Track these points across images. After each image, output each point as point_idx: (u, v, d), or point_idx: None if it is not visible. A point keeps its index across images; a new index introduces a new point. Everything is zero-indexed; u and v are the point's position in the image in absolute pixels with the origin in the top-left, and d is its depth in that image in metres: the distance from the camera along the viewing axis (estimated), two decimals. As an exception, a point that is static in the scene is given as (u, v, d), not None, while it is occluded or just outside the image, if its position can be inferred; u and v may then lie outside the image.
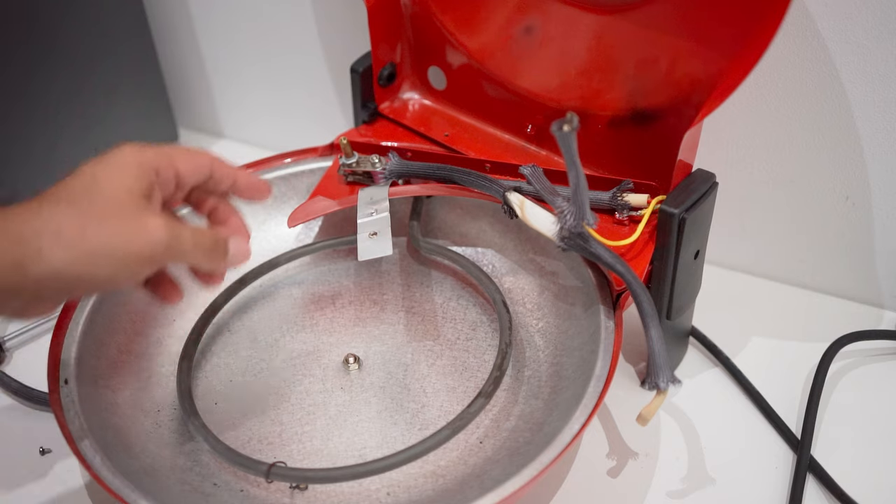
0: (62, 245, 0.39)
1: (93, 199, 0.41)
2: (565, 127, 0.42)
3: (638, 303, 0.50)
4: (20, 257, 0.38)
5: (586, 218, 0.49)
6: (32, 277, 0.39)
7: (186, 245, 0.44)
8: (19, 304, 0.40)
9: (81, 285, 0.41)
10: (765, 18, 0.46)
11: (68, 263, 0.39)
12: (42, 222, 0.39)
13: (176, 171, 0.46)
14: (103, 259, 0.40)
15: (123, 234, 0.41)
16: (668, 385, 0.49)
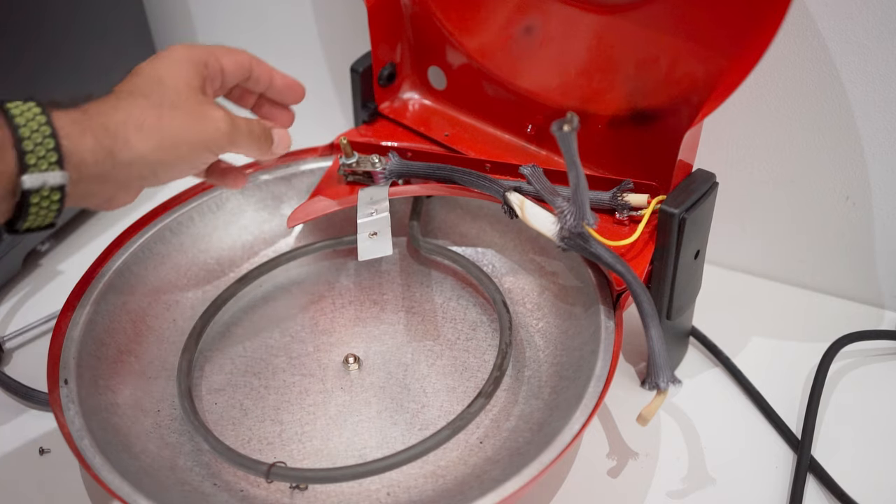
0: (145, 134, 0.44)
1: (162, 93, 0.46)
2: (565, 127, 0.42)
3: (638, 303, 0.50)
4: (110, 146, 0.43)
5: (586, 218, 0.49)
6: (122, 164, 0.43)
7: (242, 134, 0.49)
8: (108, 192, 0.45)
9: (161, 170, 0.46)
10: (765, 18, 0.46)
11: (151, 150, 0.44)
12: (125, 114, 0.44)
13: (221, 66, 0.51)
14: (179, 145, 0.45)
15: (194, 123, 0.46)
16: (669, 385, 0.49)
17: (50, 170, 0.40)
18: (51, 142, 0.40)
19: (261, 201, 0.67)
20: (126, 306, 0.60)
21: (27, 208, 0.41)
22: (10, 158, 0.40)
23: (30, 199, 0.40)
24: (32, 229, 0.43)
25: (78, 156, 0.41)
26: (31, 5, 0.68)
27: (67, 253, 0.75)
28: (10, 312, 0.69)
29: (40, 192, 0.40)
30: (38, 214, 0.42)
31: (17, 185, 0.40)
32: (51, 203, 0.41)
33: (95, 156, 0.42)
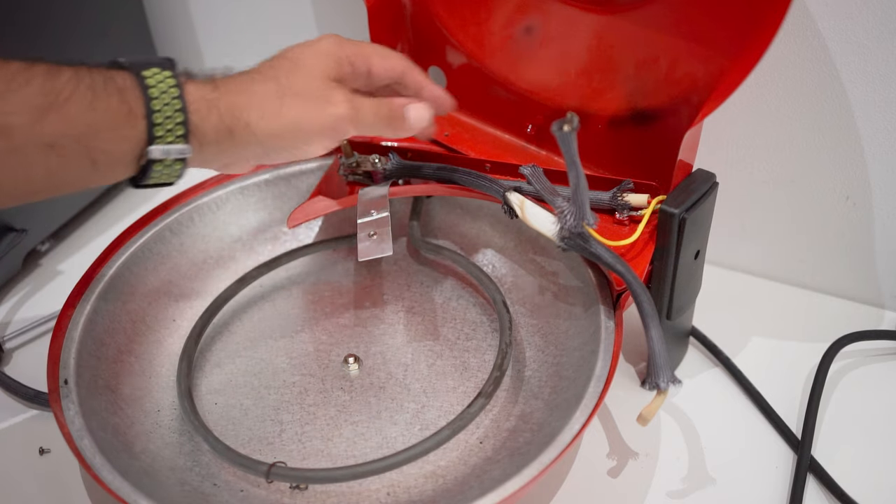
0: (265, 120, 0.46)
1: (292, 79, 0.48)
2: (565, 127, 0.42)
3: (638, 303, 0.50)
4: (232, 126, 0.45)
5: (586, 218, 0.49)
6: (239, 143, 0.46)
7: (367, 117, 0.50)
8: (224, 161, 0.47)
9: (274, 153, 0.48)
10: (765, 18, 0.46)
11: (268, 135, 0.46)
12: (250, 98, 0.46)
13: (368, 68, 0.52)
14: (296, 133, 0.47)
15: (313, 110, 0.47)
16: (669, 385, 0.49)
17: (175, 143, 0.43)
18: (180, 116, 0.43)
19: (261, 201, 0.67)
20: (126, 306, 0.60)
21: (150, 172, 0.44)
22: (141, 127, 0.42)
23: (154, 166, 0.43)
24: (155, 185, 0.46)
25: (202, 130, 0.44)
26: (32, 5, 0.68)
27: (67, 253, 0.75)
28: (10, 312, 0.69)
29: (164, 162, 0.43)
30: (161, 177, 0.45)
31: (144, 152, 0.42)
32: (172, 169, 0.44)
33: (217, 133, 0.45)
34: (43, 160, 0.40)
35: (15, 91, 0.39)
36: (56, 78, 0.40)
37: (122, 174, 0.44)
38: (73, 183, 0.42)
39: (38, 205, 0.71)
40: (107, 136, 0.41)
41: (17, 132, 0.38)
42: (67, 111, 0.40)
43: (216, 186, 0.66)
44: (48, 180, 0.41)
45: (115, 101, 0.41)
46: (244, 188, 0.66)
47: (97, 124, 0.40)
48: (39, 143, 0.39)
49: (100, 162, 0.41)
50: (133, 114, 0.42)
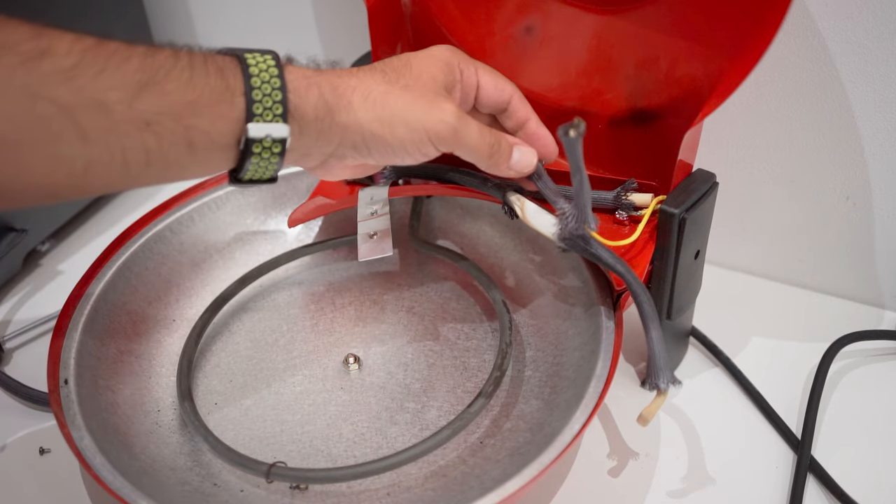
0: (368, 103, 0.44)
1: (401, 76, 0.46)
2: (571, 132, 0.42)
3: (638, 304, 0.50)
4: (333, 104, 0.43)
5: (588, 221, 0.49)
6: (338, 125, 0.44)
7: (471, 136, 0.47)
8: (323, 153, 0.45)
9: (374, 145, 0.45)
10: (765, 18, 0.46)
11: (369, 120, 0.44)
12: (357, 81, 0.45)
13: (478, 81, 0.50)
14: (398, 124, 0.45)
15: (419, 107, 0.45)
16: (669, 386, 0.49)
17: (274, 121, 0.41)
18: (279, 94, 0.41)
19: (261, 201, 0.67)
20: (126, 306, 0.60)
21: (249, 157, 0.42)
22: (240, 105, 0.41)
23: (252, 147, 0.41)
24: (255, 181, 0.43)
25: (301, 110, 0.42)
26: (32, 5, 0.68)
27: (67, 253, 0.75)
28: (10, 312, 0.69)
29: (262, 143, 0.41)
30: (260, 165, 0.42)
31: (243, 132, 0.41)
32: (272, 155, 0.42)
33: (317, 111, 0.43)
34: (140, 140, 0.38)
35: (114, 68, 0.37)
36: (154, 56, 0.39)
37: (221, 160, 0.42)
38: (171, 168, 0.40)
39: (38, 205, 0.71)
40: (204, 114, 0.40)
41: (116, 109, 0.37)
42: (165, 87, 0.39)
43: (216, 186, 0.66)
44: (146, 164, 0.39)
45: (214, 79, 0.40)
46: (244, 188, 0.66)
47: (195, 101, 0.39)
48: (137, 121, 0.38)
49: (197, 143, 0.40)
50: (231, 90, 0.40)
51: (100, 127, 0.37)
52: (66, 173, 0.38)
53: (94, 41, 0.38)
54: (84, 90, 0.37)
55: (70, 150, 0.37)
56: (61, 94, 0.36)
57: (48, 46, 0.36)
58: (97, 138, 0.37)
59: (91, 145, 0.37)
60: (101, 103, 0.37)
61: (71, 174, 0.38)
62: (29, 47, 0.36)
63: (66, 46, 0.37)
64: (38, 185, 0.38)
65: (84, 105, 0.37)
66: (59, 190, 0.39)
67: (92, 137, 0.37)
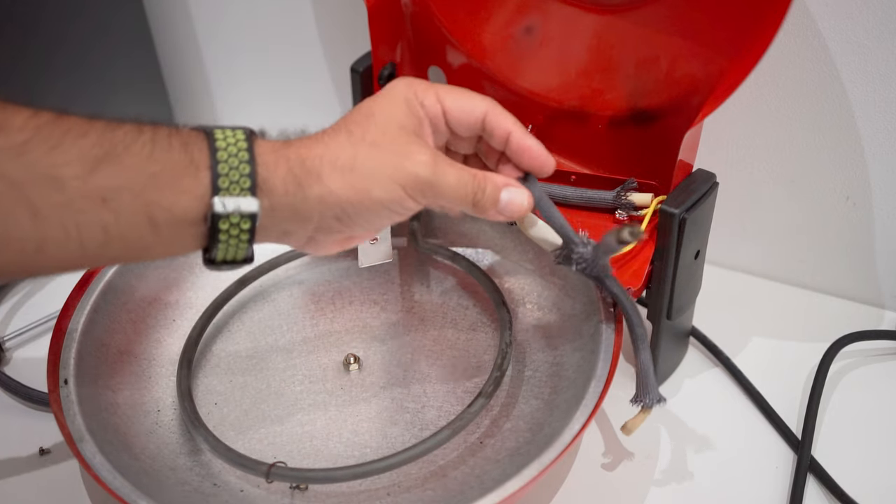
0: (337, 171, 0.41)
1: (366, 130, 0.43)
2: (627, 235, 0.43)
3: (630, 326, 0.50)
4: (302, 178, 0.40)
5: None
6: (312, 198, 0.41)
7: (448, 185, 0.43)
8: (304, 231, 0.42)
9: (353, 212, 0.42)
10: (765, 18, 0.46)
11: (342, 188, 0.41)
12: (323, 149, 0.42)
13: (443, 107, 0.45)
14: (372, 187, 0.41)
15: (389, 163, 0.42)
16: (655, 403, 0.50)
17: (242, 195, 0.39)
18: (246, 167, 0.39)
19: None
20: (126, 306, 0.60)
21: (217, 234, 0.39)
22: (205, 179, 0.38)
23: (219, 224, 0.39)
24: (228, 262, 0.41)
25: (270, 184, 0.40)
26: (32, 5, 0.68)
27: (67, 253, 0.75)
28: (10, 312, 0.69)
29: (230, 219, 0.39)
30: (230, 244, 0.40)
31: (208, 207, 0.39)
32: (241, 232, 0.39)
33: (286, 186, 0.40)
34: (97, 216, 0.36)
35: (70, 143, 0.36)
36: (114, 131, 0.38)
37: (187, 239, 0.39)
38: (133, 247, 0.38)
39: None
40: (166, 189, 0.37)
41: (70, 184, 0.36)
42: (123, 161, 0.37)
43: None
44: (104, 243, 0.37)
45: (178, 153, 0.38)
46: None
47: (156, 175, 0.37)
48: (93, 196, 0.36)
49: (159, 220, 0.38)
50: (196, 164, 0.38)
51: (52, 203, 0.36)
52: (16, 252, 0.36)
53: (52, 116, 0.37)
54: (36, 165, 0.35)
55: (20, 228, 0.35)
56: (11, 170, 0.35)
57: (1, 122, 0.35)
58: (49, 215, 0.36)
59: (43, 223, 0.36)
60: (53, 178, 0.35)
61: (22, 253, 0.36)
62: None
63: (20, 122, 0.36)
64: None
65: (35, 180, 0.35)
66: (9, 269, 0.37)
67: (44, 214, 0.35)
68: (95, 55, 0.75)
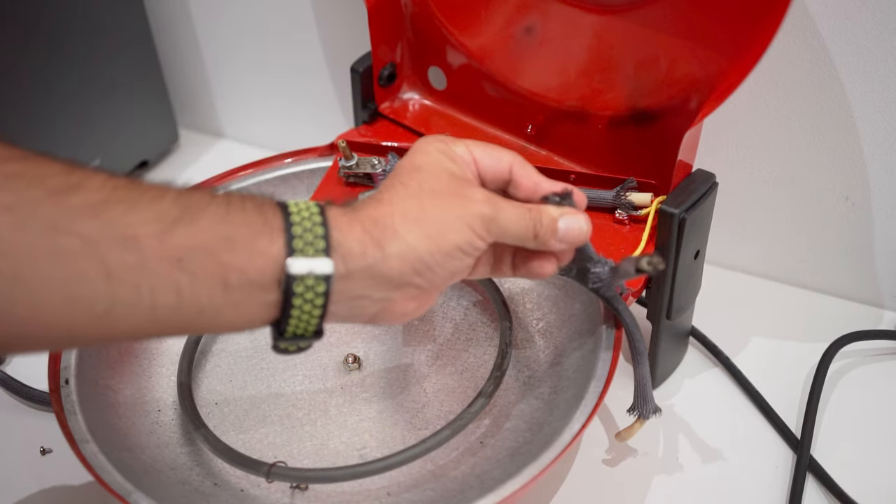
0: (409, 223, 0.41)
1: (421, 182, 0.42)
2: (647, 267, 0.43)
3: (631, 341, 0.51)
4: (379, 237, 0.40)
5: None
6: (391, 256, 0.40)
7: (509, 218, 0.43)
8: (381, 293, 0.41)
9: (434, 262, 0.41)
10: (765, 18, 0.46)
11: (418, 239, 0.40)
12: (390, 206, 0.41)
13: (473, 157, 0.46)
14: (445, 229, 0.41)
15: (455, 204, 0.42)
16: (651, 414, 0.50)
17: (316, 256, 0.38)
18: (320, 229, 0.38)
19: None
20: (126, 306, 0.60)
21: (291, 300, 0.38)
22: (279, 241, 0.38)
23: (293, 287, 0.38)
24: (298, 335, 0.40)
25: (346, 246, 0.39)
26: (32, 5, 0.68)
27: (68, 253, 0.75)
28: (10, 312, 0.69)
29: (304, 281, 0.38)
30: (303, 311, 0.39)
31: (283, 269, 0.38)
32: (315, 296, 0.38)
33: (363, 246, 0.39)
34: (171, 279, 0.36)
35: (146, 204, 0.36)
36: (189, 195, 0.37)
37: (259, 305, 0.38)
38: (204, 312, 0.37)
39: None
40: (241, 250, 0.37)
41: (146, 245, 0.35)
42: (199, 223, 0.36)
43: (216, 186, 0.66)
44: (176, 307, 0.36)
45: (252, 215, 0.38)
46: (244, 189, 0.66)
47: (231, 236, 0.37)
48: (168, 257, 0.36)
49: (233, 282, 0.37)
50: (270, 227, 0.38)
51: (126, 264, 0.35)
52: (85, 313, 0.35)
53: (127, 180, 0.36)
54: (113, 224, 0.35)
55: (92, 288, 0.35)
56: (87, 228, 0.34)
57: (78, 182, 0.35)
58: (123, 277, 0.35)
59: (116, 284, 0.35)
60: (129, 238, 0.35)
61: (91, 314, 0.35)
62: (58, 182, 0.34)
63: (98, 183, 0.35)
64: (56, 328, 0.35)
65: (111, 240, 0.35)
66: (79, 333, 0.36)
67: (117, 275, 0.35)
68: (95, 55, 0.75)
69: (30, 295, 0.34)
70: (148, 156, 0.84)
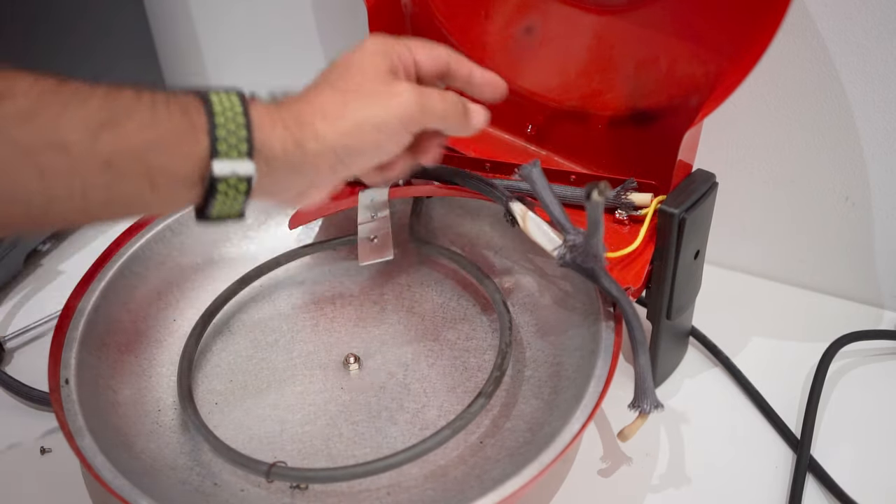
0: (329, 121, 0.43)
1: (347, 80, 0.45)
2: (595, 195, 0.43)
3: (630, 330, 0.50)
4: (299, 137, 0.42)
5: (599, 257, 0.50)
6: (311, 154, 0.43)
7: (436, 105, 0.47)
8: (299, 185, 0.44)
9: (349, 157, 0.44)
10: (765, 18, 0.46)
11: (337, 137, 0.43)
12: (312, 105, 0.44)
13: (414, 59, 0.48)
14: (366, 130, 0.44)
15: (378, 102, 0.45)
16: (652, 409, 0.50)
17: (239, 159, 0.40)
18: (243, 131, 0.41)
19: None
20: (126, 306, 0.60)
21: (214, 195, 0.41)
22: (204, 143, 0.40)
23: (217, 185, 0.40)
24: (222, 217, 0.43)
25: (268, 147, 0.42)
26: (32, 5, 0.68)
27: (68, 253, 0.76)
28: (11, 312, 0.69)
29: (227, 181, 0.41)
30: (226, 203, 0.42)
31: (208, 169, 0.40)
32: (237, 193, 0.41)
33: (284, 144, 0.42)
34: (101, 179, 0.38)
35: (74, 108, 0.37)
36: (116, 97, 0.39)
37: (184, 198, 0.41)
38: (131, 205, 0.40)
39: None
40: (167, 153, 0.39)
41: (75, 149, 0.37)
42: (126, 127, 0.38)
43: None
44: (106, 202, 0.39)
45: (177, 118, 0.40)
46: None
47: (157, 140, 0.39)
48: (97, 161, 0.38)
49: (159, 183, 0.39)
50: (195, 128, 0.40)
51: (59, 167, 0.37)
52: (23, 212, 0.38)
53: (55, 82, 0.38)
54: (44, 131, 0.37)
55: (28, 190, 0.37)
56: (20, 136, 0.36)
57: (6, 88, 0.36)
58: (56, 178, 0.37)
59: (50, 185, 0.37)
60: (60, 144, 0.37)
61: (29, 210, 0.38)
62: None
63: (24, 87, 0.37)
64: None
65: (44, 146, 0.37)
66: (14, 223, 0.39)
67: (50, 177, 0.37)
68: (96, 55, 0.75)
69: None
70: (148, 156, 0.84)
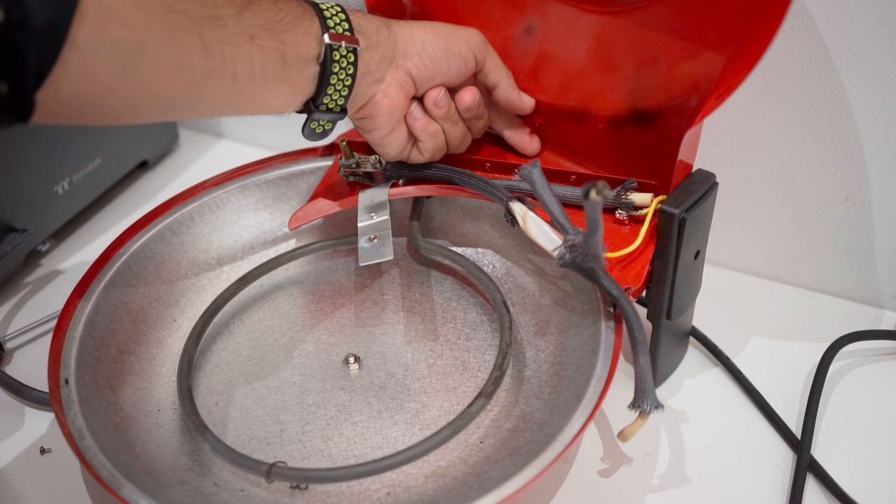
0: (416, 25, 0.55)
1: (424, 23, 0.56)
2: (593, 194, 0.43)
3: (630, 330, 0.50)
4: (388, 23, 0.54)
5: (598, 256, 0.50)
6: (396, 33, 0.54)
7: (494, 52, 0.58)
8: (381, 69, 0.53)
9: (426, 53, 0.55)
10: (765, 19, 0.46)
11: (422, 31, 0.55)
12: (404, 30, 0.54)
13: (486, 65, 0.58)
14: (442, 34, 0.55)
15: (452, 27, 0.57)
16: (652, 410, 0.50)
17: (345, 33, 0.50)
18: (343, 15, 0.51)
19: (261, 201, 0.67)
20: (126, 306, 0.60)
21: (330, 67, 0.50)
22: (316, 22, 0.50)
23: (332, 55, 0.49)
24: (329, 110, 0.52)
25: (364, 27, 0.52)
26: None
27: (68, 253, 0.76)
28: (10, 312, 0.69)
29: (339, 50, 0.50)
30: (338, 79, 0.50)
31: (322, 44, 0.49)
32: (348, 64, 0.50)
33: (377, 27, 0.53)
34: (247, 52, 0.45)
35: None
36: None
37: (305, 75, 0.49)
38: (268, 84, 0.48)
39: (38, 205, 0.71)
40: (292, 29, 0.48)
41: (229, 22, 0.44)
42: (260, 6, 0.47)
43: (216, 186, 0.66)
44: (250, 77, 0.46)
45: (294, 5, 0.49)
46: (244, 188, 0.66)
47: (283, 19, 0.48)
48: (244, 34, 0.45)
49: (289, 57, 0.48)
50: (308, 12, 0.50)
51: (216, 38, 0.44)
52: (187, 83, 0.44)
53: None
54: (204, 5, 0.44)
55: (194, 57, 0.43)
56: (187, 7, 0.43)
57: None
58: (214, 49, 0.44)
59: (210, 55, 0.44)
60: (217, 17, 0.44)
61: (191, 84, 0.44)
62: None
63: None
64: (162, 95, 0.44)
65: (205, 18, 0.43)
66: (177, 100, 0.45)
67: (210, 48, 0.44)
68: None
69: (149, 62, 0.42)
70: (148, 156, 0.84)
